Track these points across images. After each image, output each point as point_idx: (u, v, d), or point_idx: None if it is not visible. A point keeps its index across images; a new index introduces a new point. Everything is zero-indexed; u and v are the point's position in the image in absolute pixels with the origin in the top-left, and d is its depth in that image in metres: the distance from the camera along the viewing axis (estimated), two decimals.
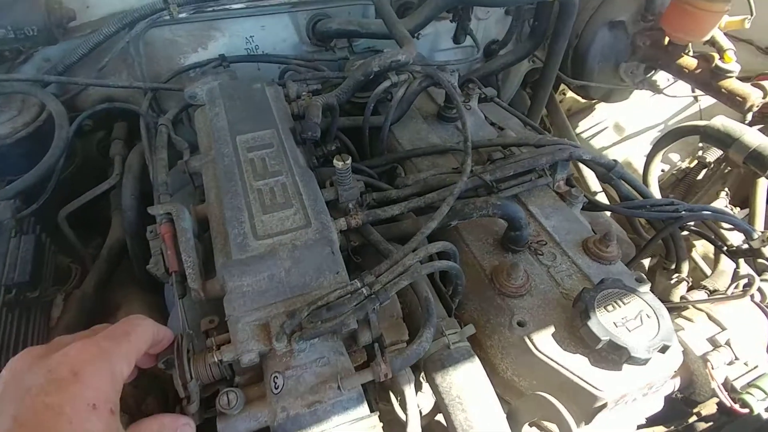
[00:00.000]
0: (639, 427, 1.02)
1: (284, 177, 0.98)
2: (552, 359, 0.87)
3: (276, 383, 0.77)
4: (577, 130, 2.54)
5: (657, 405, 1.01)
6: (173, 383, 0.77)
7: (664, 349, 0.84)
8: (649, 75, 1.97)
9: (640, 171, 1.93)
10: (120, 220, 1.30)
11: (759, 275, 1.21)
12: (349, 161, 0.96)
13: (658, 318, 0.87)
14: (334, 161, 0.97)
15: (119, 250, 1.29)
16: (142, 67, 1.42)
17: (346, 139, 1.36)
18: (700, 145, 1.97)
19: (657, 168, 1.79)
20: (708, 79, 1.69)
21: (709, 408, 1.14)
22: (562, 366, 0.87)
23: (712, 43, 1.69)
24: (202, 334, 0.88)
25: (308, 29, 1.61)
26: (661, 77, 2.02)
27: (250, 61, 1.51)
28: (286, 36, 1.61)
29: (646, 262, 1.62)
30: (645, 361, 0.83)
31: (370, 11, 1.68)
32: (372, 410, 1.04)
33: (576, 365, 0.87)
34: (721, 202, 1.67)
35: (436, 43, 1.91)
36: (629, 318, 0.87)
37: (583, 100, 2.41)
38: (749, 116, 1.73)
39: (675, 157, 2.28)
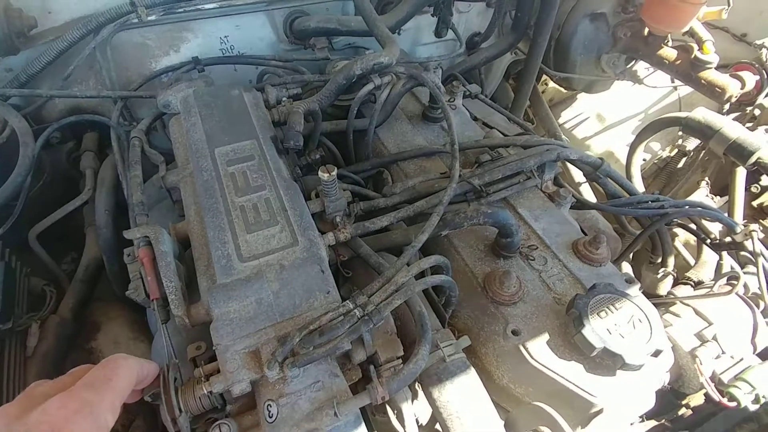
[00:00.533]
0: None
1: (267, 191, 0.94)
2: (548, 367, 0.87)
3: (270, 412, 0.74)
4: (560, 121, 2.54)
5: (649, 403, 1.03)
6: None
7: (657, 354, 0.85)
8: (629, 66, 1.97)
9: (622, 160, 1.95)
10: (95, 237, 1.24)
11: (742, 267, 1.24)
12: (334, 172, 0.93)
13: (650, 322, 0.88)
14: (320, 173, 0.93)
15: (96, 269, 1.23)
16: (111, 74, 1.34)
17: (330, 143, 1.32)
18: (680, 133, 2.00)
19: (639, 159, 1.81)
20: (688, 70, 1.70)
21: (697, 399, 1.17)
22: (558, 374, 0.87)
23: (691, 34, 1.70)
24: (189, 362, 0.85)
25: (285, 27, 1.55)
26: (641, 67, 2.02)
27: (226, 63, 1.44)
28: (262, 35, 1.55)
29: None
30: (639, 367, 0.84)
31: (349, 7, 1.62)
32: (369, 425, 1.04)
33: (571, 372, 0.87)
34: (702, 192, 1.70)
35: (418, 37, 1.86)
36: (622, 324, 0.87)
37: (566, 91, 2.41)
38: (727, 105, 1.76)
39: (656, 146, 2.31)
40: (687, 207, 1.18)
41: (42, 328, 1.08)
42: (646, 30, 1.77)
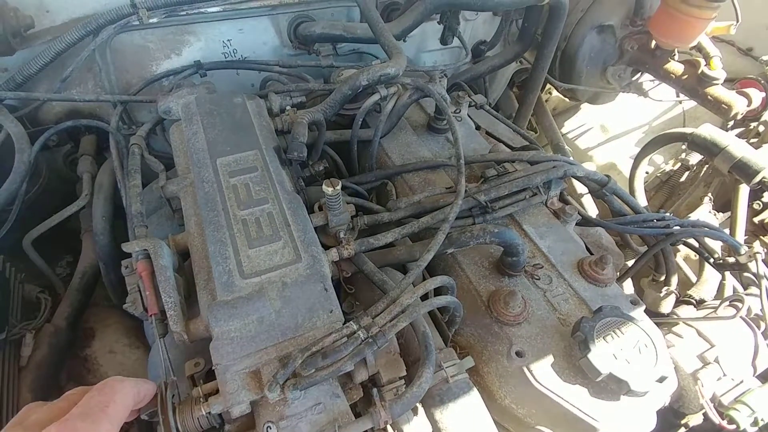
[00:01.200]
0: None
1: (270, 205, 0.92)
2: (552, 391, 0.86)
3: None
4: (563, 130, 2.53)
5: (650, 424, 1.02)
6: None
7: (662, 380, 0.84)
8: (635, 78, 1.96)
9: (625, 172, 1.95)
10: (91, 244, 1.22)
11: (744, 288, 1.23)
12: (339, 186, 0.91)
13: (655, 347, 0.87)
14: (323, 187, 0.91)
15: (92, 277, 1.21)
16: (110, 77, 1.31)
17: (334, 153, 1.30)
18: (684, 147, 1.99)
19: (643, 172, 1.80)
20: (694, 85, 1.70)
21: (696, 419, 1.16)
22: (562, 398, 0.86)
23: (699, 48, 1.69)
24: (186, 379, 0.84)
25: (290, 32, 1.53)
26: (646, 80, 2.02)
27: (228, 67, 1.41)
28: (266, 39, 1.52)
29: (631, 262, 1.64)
30: (644, 393, 0.83)
31: (354, 13, 1.60)
32: None
33: (575, 396, 0.86)
34: (705, 208, 1.70)
35: (423, 44, 1.84)
36: (628, 348, 0.86)
37: (569, 101, 2.40)
38: (731, 122, 1.75)
39: (659, 159, 2.30)
40: (692, 227, 1.17)
41: (36, 338, 1.06)
42: (654, 43, 1.76)
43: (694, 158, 1.93)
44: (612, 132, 2.54)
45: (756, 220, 1.86)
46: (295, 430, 0.72)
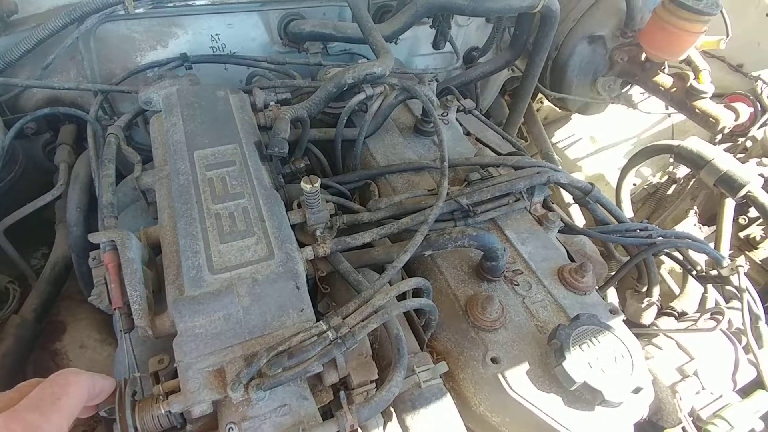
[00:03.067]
0: None
1: (246, 200, 0.90)
2: (525, 399, 0.85)
3: None
4: (553, 140, 2.54)
5: None
6: None
7: (637, 391, 0.83)
8: (625, 90, 1.97)
9: (612, 183, 1.95)
10: (65, 234, 1.19)
11: (726, 301, 1.23)
12: (318, 184, 0.89)
13: (632, 357, 0.85)
14: (302, 184, 0.89)
15: (64, 269, 1.18)
16: (93, 66, 1.29)
17: (318, 152, 1.28)
18: (671, 160, 2.00)
19: (629, 184, 1.80)
20: (682, 98, 1.70)
21: None
22: (535, 406, 0.84)
23: (688, 62, 1.70)
24: (150, 376, 0.81)
25: (280, 29, 1.51)
26: (636, 92, 2.03)
27: (215, 61, 1.40)
28: (255, 35, 1.51)
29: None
30: (618, 404, 0.82)
31: (346, 13, 1.59)
32: None
33: (549, 405, 0.84)
34: (690, 221, 1.70)
35: (415, 48, 1.84)
36: (604, 358, 0.84)
37: (560, 110, 2.41)
38: (719, 136, 1.76)
39: (646, 171, 2.31)
40: (675, 238, 1.17)
41: (1, 329, 1.02)
42: (644, 56, 1.77)
43: (682, 171, 1.94)
44: (601, 143, 2.55)
45: (741, 234, 1.87)
46: None
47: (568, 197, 1.97)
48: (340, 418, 0.71)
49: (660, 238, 1.16)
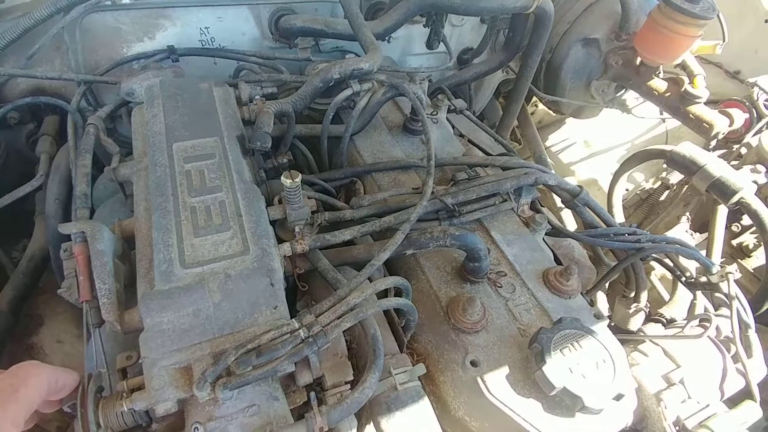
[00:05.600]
0: None
1: (224, 194, 0.88)
2: (504, 403, 0.82)
3: None
4: (547, 144, 2.53)
5: None
6: None
7: (618, 398, 0.81)
8: (619, 94, 1.96)
9: (605, 188, 1.93)
10: (43, 226, 1.17)
11: (715, 309, 1.21)
12: (298, 179, 0.87)
13: (614, 363, 0.83)
14: (282, 178, 0.88)
15: (41, 261, 1.15)
16: (78, 56, 1.27)
17: (304, 148, 1.26)
18: (665, 166, 1.99)
19: (621, 188, 1.79)
20: (676, 103, 1.69)
21: None
22: (514, 411, 0.82)
23: (683, 66, 1.69)
24: (117, 372, 0.79)
25: (270, 24, 1.50)
26: (631, 97, 2.01)
27: (203, 54, 1.38)
28: (245, 30, 1.49)
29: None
30: (599, 411, 0.79)
31: (338, 9, 1.58)
32: None
33: (528, 411, 0.82)
34: (682, 227, 1.68)
35: (409, 47, 1.83)
36: (585, 363, 0.82)
37: (554, 114, 2.39)
38: (713, 142, 1.75)
39: (639, 176, 2.30)
40: (664, 243, 1.15)
41: None
42: (638, 60, 1.76)
43: (675, 177, 1.92)
44: (595, 148, 2.54)
45: (734, 242, 1.86)
46: None
47: (559, 201, 1.96)
48: (309, 420, 0.69)
49: (649, 243, 1.14)
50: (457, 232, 0.90)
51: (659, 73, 1.74)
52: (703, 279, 1.20)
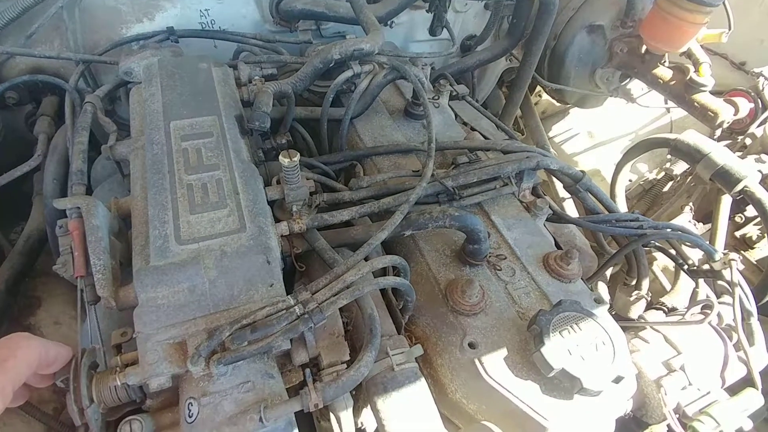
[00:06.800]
0: None
1: (221, 172, 0.87)
2: (502, 385, 0.82)
3: (190, 411, 0.67)
4: (550, 134, 2.50)
5: (607, 429, 0.97)
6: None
7: (618, 380, 0.80)
8: (623, 83, 1.94)
9: (608, 179, 1.91)
10: (41, 207, 1.16)
11: (718, 297, 1.19)
12: (296, 158, 0.86)
13: (614, 345, 0.82)
14: (280, 157, 0.86)
15: (38, 241, 1.15)
16: (77, 36, 1.26)
17: (303, 131, 1.25)
18: (669, 157, 1.96)
19: (625, 178, 1.77)
20: (681, 91, 1.67)
21: (659, 430, 1.12)
22: (511, 393, 0.81)
23: (689, 55, 1.67)
24: (112, 348, 0.78)
25: (271, 7, 1.47)
26: (635, 86, 1.99)
27: (203, 36, 1.36)
28: (246, 12, 1.47)
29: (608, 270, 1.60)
30: (597, 393, 0.79)
31: None
32: (313, 428, 0.97)
33: (526, 393, 0.81)
34: (685, 217, 1.66)
35: (411, 33, 1.81)
36: (584, 345, 0.81)
37: (558, 104, 2.37)
38: (718, 132, 1.72)
39: (643, 167, 2.28)
40: (667, 229, 1.13)
41: None
42: (644, 48, 1.73)
43: (679, 168, 1.90)
44: (599, 138, 2.51)
45: (738, 234, 1.84)
46: (217, 408, 0.67)
47: (562, 192, 1.94)
48: (303, 396, 0.68)
49: (651, 229, 1.12)
50: (456, 213, 0.89)
51: (664, 61, 1.72)
52: (706, 266, 1.19)
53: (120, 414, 0.73)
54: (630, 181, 2.14)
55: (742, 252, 1.79)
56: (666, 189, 1.93)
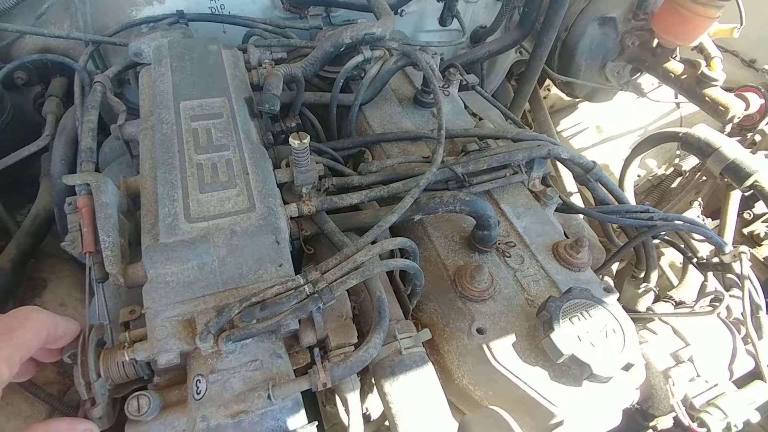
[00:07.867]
0: None
1: (231, 152, 0.87)
2: (510, 371, 0.81)
3: (198, 388, 0.67)
4: (559, 128, 2.49)
5: (615, 420, 0.97)
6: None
7: (627, 367, 0.79)
8: (634, 77, 1.92)
9: (617, 175, 1.89)
10: (48, 187, 1.16)
11: (727, 290, 1.18)
12: (307, 140, 0.86)
13: (624, 333, 0.82)
14: (290, 139, 0.86)
15: (45, 221, 1.14)
16: (86, 17, 1.25)
17: (312, 116, 1.24)
18: (678, 152, 1.95)
19: (634, 172, 1.76)
20: (692, 85, 1.65)
21: (665, 422, 1.11)
22: (520, 379, 0.80)
23: (700, 49, 1.65)
24: (120, 326, 0.78)
25: None
26: (646, 81, 1.97)
27: (212, 20, 1.35)
28: None
29: (615, 265, 1.59)
30: (607, 379, 0.78)
31: None
32: (318, 413, 0.97)
33: (534, 379, 0.81)
34: (694, 212, 1.65)
35: (421, 23, 1.79)
36: (594, 332, 0.81)
37: (567, 98, 2.35)
38: (728, 127, 1.71)
39: (652, 162, 2.26)
40: (677, 221, 1.12)
41: None
42: (655, 42, 1.72)
43: (688, 164, 1.89)
44: (607, 133, 2.49)
45: (746, 231, 1.82)
46: (226, 385, 0.67)
47: (570, 185, 1.93)
48: (311, 375, 0.68)
49: (661, 220, 1.11)
50: (467, 198, 0.88)
51: (676, 56, 1.70)
52: (715, 259, 1.18)
53: (126, 391, 0.73)
54: (639, 176, 2.12)
55: (750, 249, 1.78)
56: (675, 185, 1.91)
